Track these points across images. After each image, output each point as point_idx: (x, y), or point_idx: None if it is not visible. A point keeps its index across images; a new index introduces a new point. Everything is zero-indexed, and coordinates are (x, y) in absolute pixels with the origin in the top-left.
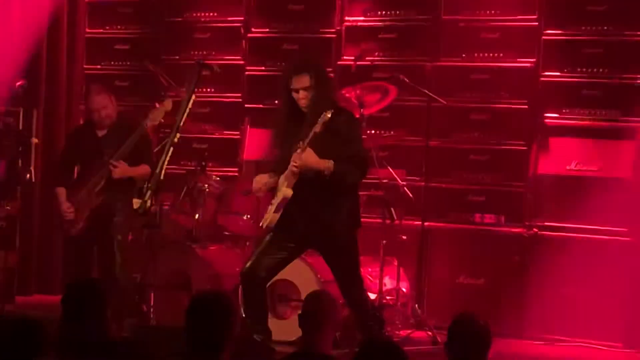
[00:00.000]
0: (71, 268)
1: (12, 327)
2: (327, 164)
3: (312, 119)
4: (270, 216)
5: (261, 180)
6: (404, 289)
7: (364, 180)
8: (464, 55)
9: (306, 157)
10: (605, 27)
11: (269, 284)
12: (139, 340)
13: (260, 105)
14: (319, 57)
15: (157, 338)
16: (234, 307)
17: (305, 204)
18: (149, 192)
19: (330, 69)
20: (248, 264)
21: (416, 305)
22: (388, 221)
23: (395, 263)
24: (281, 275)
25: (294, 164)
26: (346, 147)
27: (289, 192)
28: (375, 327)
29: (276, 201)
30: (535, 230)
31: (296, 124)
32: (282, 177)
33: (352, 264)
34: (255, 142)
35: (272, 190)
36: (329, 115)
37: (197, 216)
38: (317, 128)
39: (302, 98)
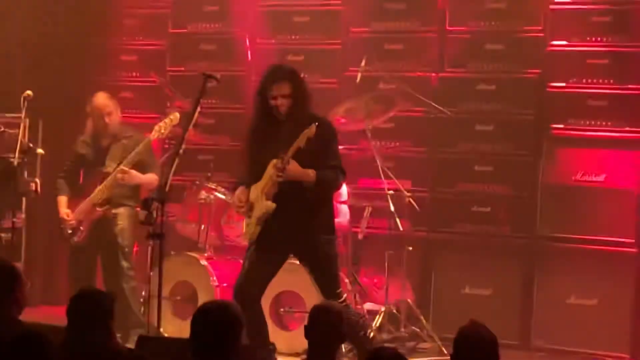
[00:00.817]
0: (74, 276)
1: (16, 338)
2: (310, 174)
3: (290, 128)
4: (252, 229)
5: (242, 198)
6: (409, 300)
7: (370, 192)
8: (468, 66)
9: (291, 168)
10: (611, 38)
11: (276, 293)
12: (144, 352)
13: None
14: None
15: (162, 349)
16: (240, 317)
17: (285, 213)
18: (154, 203)
19: (335, 80)
20: (239, 282)
21: (422, 316)
22: (394, 232)
23: (401, 274)
24: (286, 286)
25: (279, 174)
26: (326, 156)
27: (271, 206)
28: (361, 332)
29: (257, 214)
30: (540, 240)
31: (271, 133)
32: (256, 189)
33: (332, 270)
34: None
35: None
36: (314, 130)
37: (202, 227)
38: (301, 142)
39: (280, 105)
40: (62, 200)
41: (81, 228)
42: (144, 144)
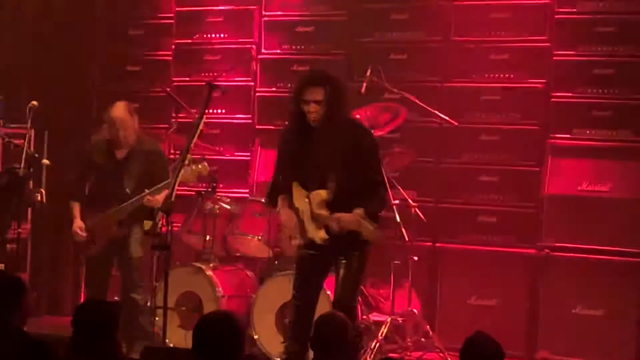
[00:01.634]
0: (89, 287)
1: (21, 348)
2: (360, 218)
3: (324, 135)
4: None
5: (292, 220)
6: (415, 310)
7: None
8: (474, 76)
9: (345, 223)
10: (616, 48)
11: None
12: None
13: (271, 127)
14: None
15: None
16: (242, 327)
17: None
18: (159, 214)
19: None
20: (299, 289)
21: (428, 327)
22: (399, 242)
23: (407, 284)
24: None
25: (336, 227)
26: (368, 169)
27: (324, 238)
28: (357, 339)
29: (310, 236)
30: (546, 251)
31: (304, 140)
32: (301, 203)
33: (359, 273)
34: (265, 163)
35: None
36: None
37: (207, 237)
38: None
39: (312, 111)
40: (76, 208)
41: (95, 242)
42: (173, 179)
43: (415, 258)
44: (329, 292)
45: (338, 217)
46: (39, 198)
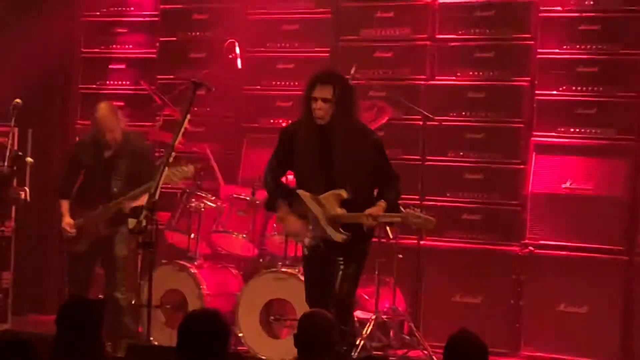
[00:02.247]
0: (72, 284)
1: (3, 347)
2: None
3: (331, 135)
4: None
5: (297, 224)
6: (400, 308)
7: None
8: (458, 74)
9: (377, 217)
10: (600, 46)
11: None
12: None
13: (256, 125)
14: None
15: (152, 358)
16: (228, 325)
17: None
18: (144, 212)
19: None
20: (311, 294)
21: (412, 324)
22: (384, 240)
23: (391, 282)
24: (277, 294)
25: (370, 223)
26: (384, 169)
27: (344, 236)
28: (350, 338)
29: (325, 237)
30: (530, 248)
31: (312, 139)
32: (316, 208)
33: (358, 272)
34: (251, 161)
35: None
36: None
37: (192, 235)
38: (391, 217)
39: (319, 108)
40: (65, 205)
41: (83, 242)
42: (146, 187)
43: (400, 256)
44: None
45: (369, 212)
46: (22, 196)
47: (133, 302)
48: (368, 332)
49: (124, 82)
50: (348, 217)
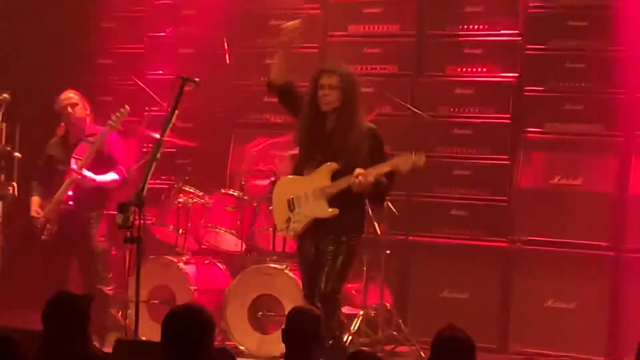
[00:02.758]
0: (48, 278)
1: None
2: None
3: (335, 125)
4: (299, 226)
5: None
6: (387, 304)
7: None
8: (447, 69)
9: (368, 183)
10: (588, 42)
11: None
12: (121, 355)
13: (245, 120)
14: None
15: (139, 353)
16: (211, 320)
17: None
18: (131, 207)
19: None
20: (308, 290)
21: (400, 320)
22: (372, 236)
23: (379, 278)
24: (265, 290)
25: (359, 181)
26: (379, 159)
27: (335, 213)
28: (337, 332)
29: (314, 214)
30: (518, 244)
31: (317, 127)
32: (303, 186)
33: (345, 265)
34: (240, 156)
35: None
36: (394, 169)
37: (180, 231)
38: (382, 168)
39: (325, 95)
40: (35, 200)
41: (48, 226)
42: (99, 138)
43: (388, 252)
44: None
45: (358, 171)
46: (10, 191)
47: (121, 297)
48: (356, 327)
49: (112, 78)
50: (336, 184)
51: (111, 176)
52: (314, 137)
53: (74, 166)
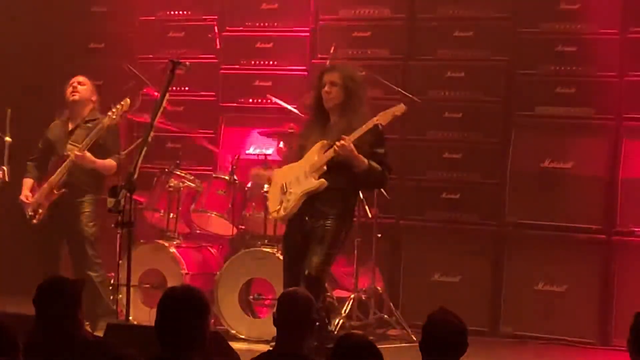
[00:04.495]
0: (40, 263)
1: None
2: (364, 160)
3: (337, 121)
4: (292, 204)
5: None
6: (379, 287)
7: None
8: (438, 53)
9: (351, 147)
10: (579, 25)
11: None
12: (112, 340)
13: (235, 104)
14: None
15: (131, 337)
16: (206, 301)
17: (316, 198)
18: (122, 191)
19: (304, 67)
20: (288, 270)
21: (391, 303)
22: (363, 219)
23: (371, 261)
24: (256, 273)
25: (337, 148)
26: (375, 153)
27: (323, 183)
28: (322, 314)
29: (303, 189)
30: (509, 227)
31: (320, 125)
32: (292, 169)
33: (331, 245)
34: (230, 140)
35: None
36: (377, 123)
37: (171, 215)
38: (363, 129)
39: (327, 91)
40: (27, 182)
41: (40, 210)
42: (98, 128)
43: (379, 235)
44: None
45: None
46: (1, 176)
47: (112, 281)
48: (347, 311)
49: (103, 62)
50: (324, 157)
51: (110, 162)
52: (318, 134)
53: (67, 153)
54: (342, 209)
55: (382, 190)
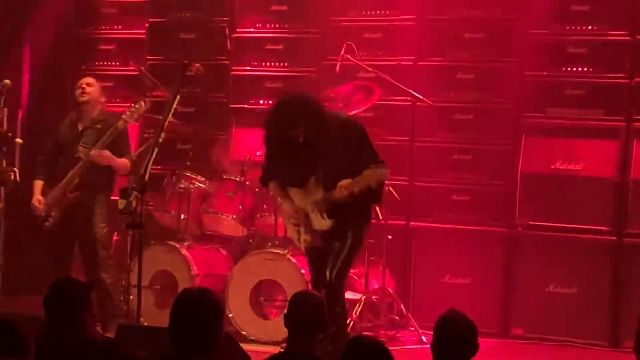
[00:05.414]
0: (52, 264)
1: None
2: (359, 185)
3: (309, 141)
4: (308, 237)
5: (294, 212)
6: (389, 289)
7: None
8: (448, 54)
9: (346, 185)
10: (589, 27)
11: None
12: (123, 341)
13: (245, 105)
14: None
15: (142, 338)
16: (220, 304)
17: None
18: (133, 193)
19: (314, 69)
20: (316, 282)
21: (402, 305)
22: (374, 221)
23: (381, 263)
24: (267, 275)
25: (343, 193)
26: (362, 158)
27: (328, 225)
28: (341, 318)
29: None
30: (520, 229)
31: (290, 145)
32: (300, 199)
33: (350, 254)
34: (241, 142)
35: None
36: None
37: (182, 216)
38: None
39: (296, 141)
40: (38, 184)
41: (52, 214)
42: (113, 130)
43: (390, 237)
44: (303, 271)
45: (339, 185)
46: (12, 177)
47: (123, 283)
48: (358, 312)
49: (113, 63)
50: (324, 197)
51: (124, 161)
52: (290, 155)
53: (79, 155)
54: (360, 213)
55: (392, 192)
